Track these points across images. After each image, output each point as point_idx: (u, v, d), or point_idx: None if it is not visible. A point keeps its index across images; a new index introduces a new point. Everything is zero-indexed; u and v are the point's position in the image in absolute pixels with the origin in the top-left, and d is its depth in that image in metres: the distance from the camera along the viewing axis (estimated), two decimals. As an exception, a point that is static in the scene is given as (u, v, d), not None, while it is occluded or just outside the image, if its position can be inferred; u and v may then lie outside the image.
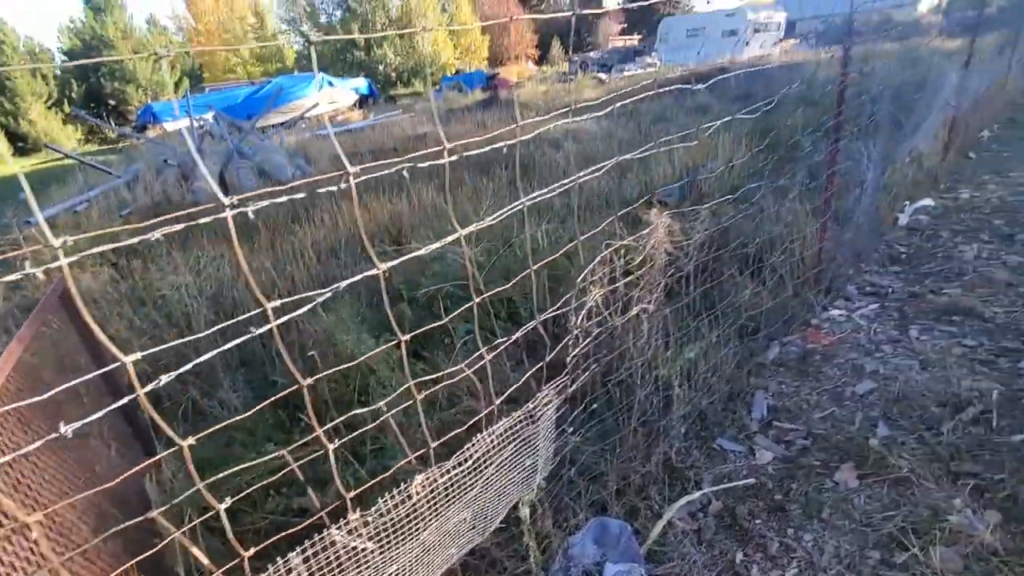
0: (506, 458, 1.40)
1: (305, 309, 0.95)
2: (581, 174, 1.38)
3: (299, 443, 1.11)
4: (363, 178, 0.95)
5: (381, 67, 36.62)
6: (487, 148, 1.12)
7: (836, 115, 2.99)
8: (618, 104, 2.07)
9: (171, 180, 8.83)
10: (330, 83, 19.90)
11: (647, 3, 2.03)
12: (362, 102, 22.38)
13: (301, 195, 0.88)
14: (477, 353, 1.24)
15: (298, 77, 20.94)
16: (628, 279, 1.55)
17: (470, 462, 1.28)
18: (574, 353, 1.47)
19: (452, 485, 1.26)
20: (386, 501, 1.15)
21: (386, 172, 0.99)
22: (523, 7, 51.50)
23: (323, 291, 0.94)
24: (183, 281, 4.05)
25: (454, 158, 1.06)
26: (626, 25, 56.26)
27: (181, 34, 38.07)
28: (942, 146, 5.47)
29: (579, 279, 1.40)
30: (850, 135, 4.03)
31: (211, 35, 35.63)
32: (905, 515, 2.01)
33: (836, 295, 3.52)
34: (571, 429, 1.74)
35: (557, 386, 1.52)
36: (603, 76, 22.05)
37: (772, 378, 2.85)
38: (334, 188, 0.90)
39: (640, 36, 47.14)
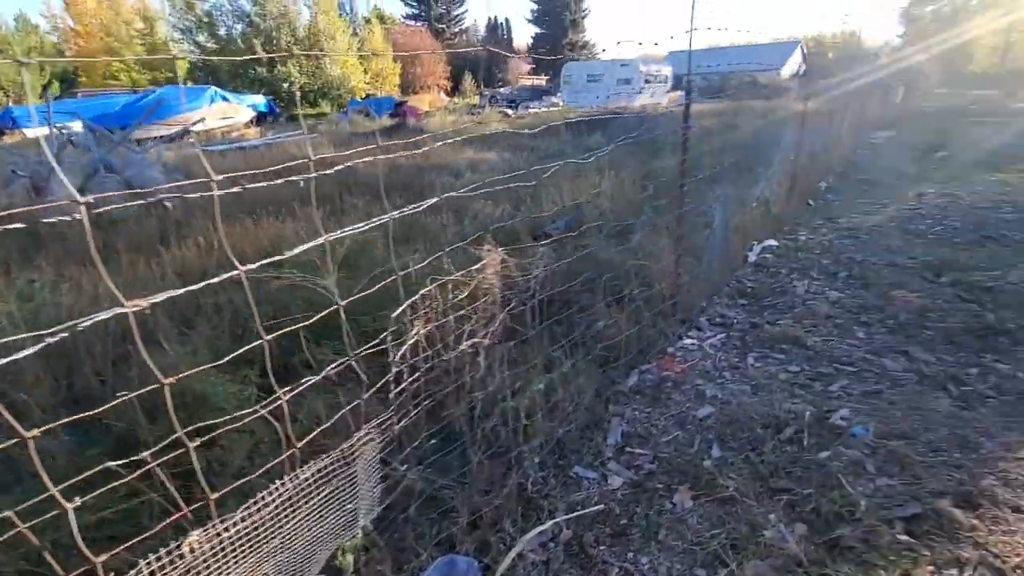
0: (316, 504, 1.31)
1: (21, 355, 0.83)
2: (405, 208, 1.37)
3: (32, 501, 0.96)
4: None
5: (286, 85, 35.26)
6: (280, 180, 1.07)
7: (681, 163, 3.28)
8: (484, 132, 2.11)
9: (20, 193, 7.79)
10: (224, 98, 18.76)
11: (553, 59, 2.11)
12: (260, 120, 21.32)
13: (19, 225, 0.78)
14: (275, 396, 1.16)
15: (189, 89, 19.55)
16: (459, 313, 1.55)
17: (267, 510, 1.19)
18: (398, 389, 1.44)
19: (243, 539, 1.15)
20: (149, 563, 1.02)
21: (135, 204, 0.91)
22: (436, 39, 52.31)
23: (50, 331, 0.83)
24: (5, 309, 3.51)
25: (236, 189, 1.00)
26: (535, 66, 58.98)
27: (56, 34, 34.29)
28: (785, 194, 6.20)
29: (395, 315, 1.37)
30: (705, 180, 4.45)
31: (91, 37, 32.43)
32: (728, 532, 2.15)
33: (690, 325, 3.80)
34: (404, 466, 1.69)
35: (381, 424, 1.47)
36: (509, 111, 22.82)
37: (629, 405, 2.98)
38: (67, 218, 0.81)
39: (548, 77, 49.59)
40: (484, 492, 2.27)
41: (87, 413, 1.13)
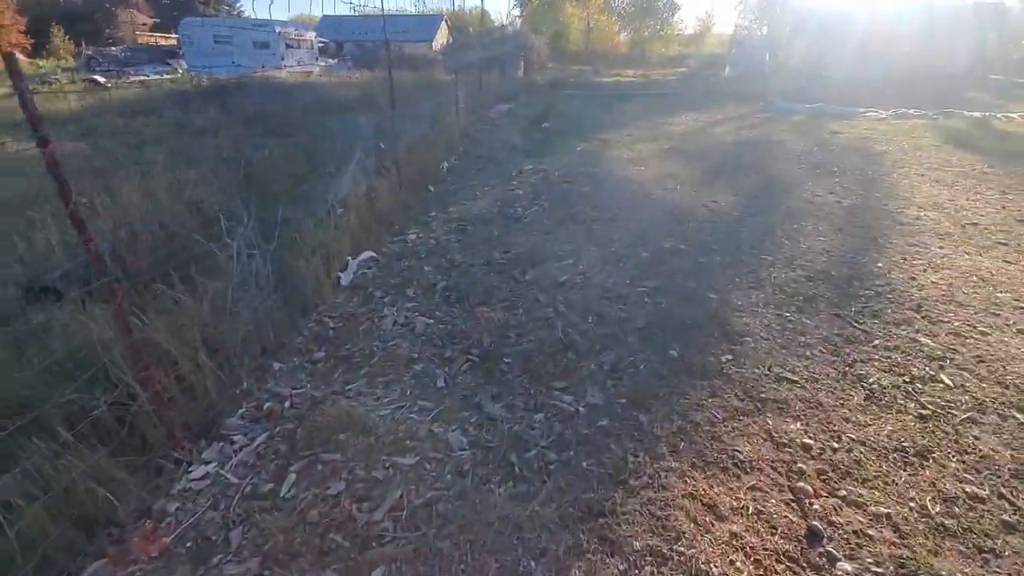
0: None
1: None
2: None
3: None
4: None
5: None
6: None
7: (68, 210, 1.80)
8: None
9: None
10: None
11: None
12: None
13: None
14: None
15: None
16: None
17: None
18: None
19: None
20: None
21: None
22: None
23: None
24: None
25: None
26: (159, 20, 47.94)
27: None
28: (394, 185, 5.39)
29: None
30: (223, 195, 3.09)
31: None
32: None
33: (216, 434, 2.48)
34: None
35: None
36: (102, 79, 17.01)
37: None
38: None
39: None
40: None
41: None
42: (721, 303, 3.50)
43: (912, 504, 1.99)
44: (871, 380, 2.73)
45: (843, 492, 2.04)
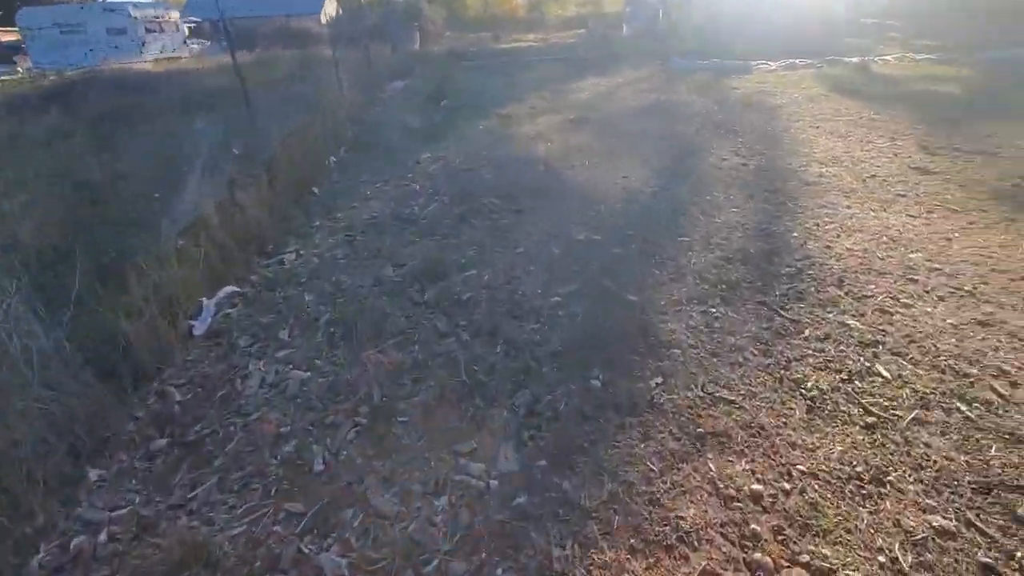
0: None
1: None
2: None
3: None
4: None
5: None
6: None
7: None
8: None
9: None
10: None
11: None
12: None
13: None
14: None
15: None
16: None
17: None
18: None
19: None
20: None
21: None
22: None
23: None
24: None
25: None
26: (2, 13, 40.99)
27: None
28: (264, 194, 4.52)
29: None
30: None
31: None
32: None
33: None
34: None
35: None
36: (-87, 85, 13.89)
37: None
38: None
39: (21, 25, 34.43)
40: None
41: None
42: (643, 305, 3.09)
43: (882, 558, 1.66)
44: (809, 385, 2.42)
45: (805, 556, 1.68)
